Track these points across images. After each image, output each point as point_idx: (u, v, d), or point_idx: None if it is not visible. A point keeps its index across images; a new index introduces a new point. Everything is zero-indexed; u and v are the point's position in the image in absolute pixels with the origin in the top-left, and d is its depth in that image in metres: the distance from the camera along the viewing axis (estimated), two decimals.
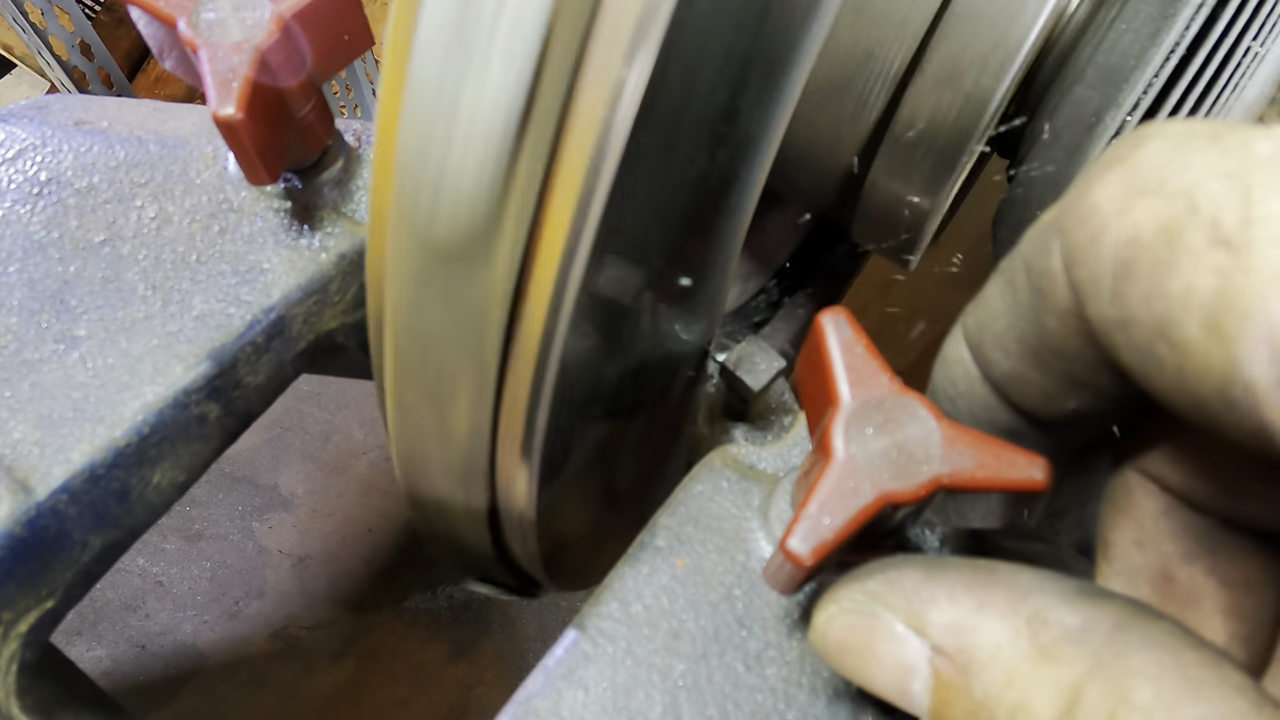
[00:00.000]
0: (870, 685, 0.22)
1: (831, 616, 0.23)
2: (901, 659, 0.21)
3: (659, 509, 0.29)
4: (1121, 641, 0.19)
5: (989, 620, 0.20)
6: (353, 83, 1.08)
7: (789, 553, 0.22)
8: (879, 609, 0.22)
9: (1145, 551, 0.24)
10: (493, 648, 0.80)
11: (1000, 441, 0.23)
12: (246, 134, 0.30)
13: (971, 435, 0.23)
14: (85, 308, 0.34)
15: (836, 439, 0.22)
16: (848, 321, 0.24)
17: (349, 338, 0.38)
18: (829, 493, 0.22)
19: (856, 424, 0.23)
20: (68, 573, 0.32)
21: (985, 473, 0.22)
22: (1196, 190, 0.17)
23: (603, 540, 0.44)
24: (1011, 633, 0.20)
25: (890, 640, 0.21)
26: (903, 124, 0.37)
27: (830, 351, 0.23)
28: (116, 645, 0.77)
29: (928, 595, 0.21)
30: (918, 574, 0.22)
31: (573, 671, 0.26)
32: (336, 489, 0.86)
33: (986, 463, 0.22)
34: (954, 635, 0.20)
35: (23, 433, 0.31)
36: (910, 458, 0.22)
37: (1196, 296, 0.17)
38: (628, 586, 0.28)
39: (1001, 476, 0.22)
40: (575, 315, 0.25)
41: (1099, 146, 0.36)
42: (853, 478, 0.22)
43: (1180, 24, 0.34)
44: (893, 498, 0.22)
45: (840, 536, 0.22)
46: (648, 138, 0.23)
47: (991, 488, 0.22)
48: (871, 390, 0.23)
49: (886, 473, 0.22)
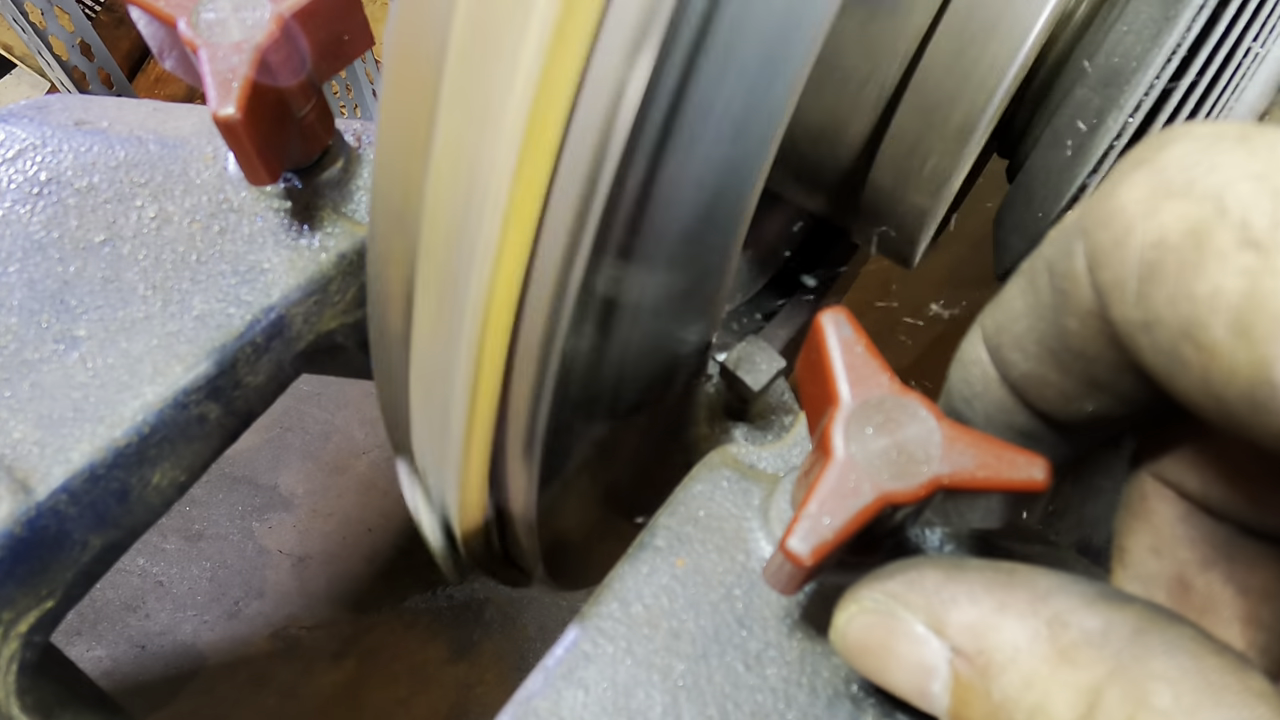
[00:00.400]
0: (890, 685, 0.22)
1: (851, 616, 0.23)
2: (921, 659, 0.21)
3: (659, 509, 0.29)
4: (1142, 645, 0.19)
5: (1009, 622, 0.20)
6: (353, 83, 1.08)
7: (789, 553, 0.22)
8: (899, 609, 0.22)
9: (1162, 558, 0.24)
10: (493, 648, 0.80)
11: (1001, 442, 0.23)
12: (246, 134, 0.30)
13: (972, 435, 0.22)
14: (85, 308, 0.34)
15: (836, 439, 0.22)
16: (848, 321, 0.24)
17: (349, 338, 0.38)
18: (829, 492, 0.22)
19: (856, 424, 0.23)
20: (68, 573, 0.32)
21: (985, 473, 0.22)
22: (1225, 192, 0.17)
23: (603, 540, 0.44)
24: (1031, 635, 0.20)
25: (910, 640, 0.21)
26: (903, 124, 0.37)
27: (830, 351, 0.23)
28: (116, 645, 0.77)
29: (948, 596, 0.21)
30: (938, 575, 0.22)
31: (573, 671, 0.26)
32: (336, 489, 0.86)
33: (987, 463, 0.22)
34: (974, 636, 0.20)
35: (23, 433, 0.31)
36: (910, 458, 0.22)
37: (1224, 298, 0.16)
38: (628, 586, 0.28)
39: (1002, 476, 0.22)
40: (575, 315, 0.25)
41: (1100, 147, 0.36)
42: (853, 478, 0.22)
43: (1181, 25, 0.34)
44: (893, 498, 0.22)
45: (840, 536, 0.22)
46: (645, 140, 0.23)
47: (992, 488, 0.22)
48: (871, 390, 0.23)
49: (886, 473, 0.22)
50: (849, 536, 0.22)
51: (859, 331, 0.23)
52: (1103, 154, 0.36)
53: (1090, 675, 0.18)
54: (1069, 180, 0.37)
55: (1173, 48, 0.34)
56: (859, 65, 0.36)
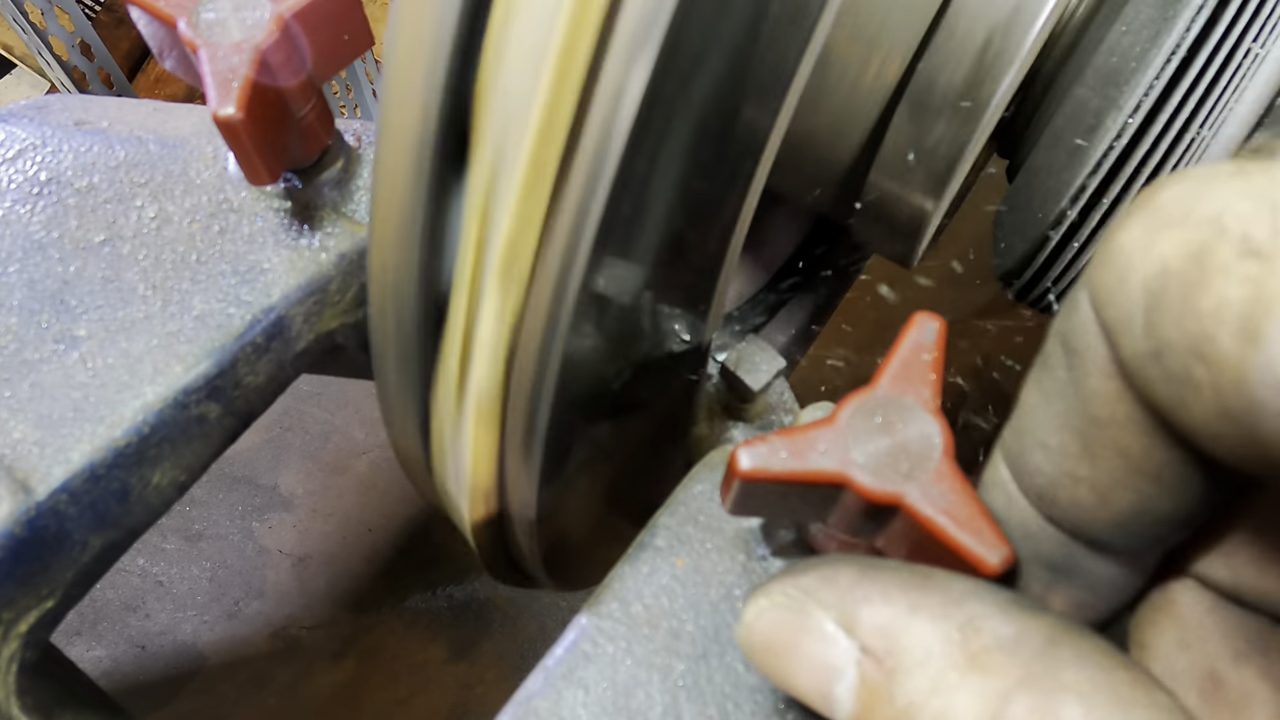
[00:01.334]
0: (791, 687, 0.22)
1: (761, 611, 0.22)
2: (827, 659, 0.21)
3: (659, 509, 0.29)
4: (1053, 655, 0.18)
5: (921, 624, 0.20)
6: (353, 83, 1.08)
7: (733, 455, 0.22)
8: (811, 605, 0.21)
9: (1190, 653, 0.22)
10: (493, 648, 0.80)
11: (987, 515, 0.22)
12: (246, 134, 0.30)
13: (965, 489, 0.22)
14: (85, 308, 0.34)
15: (846, 410, 0.23)
16: (938, 330, 0.24)
17: (349, 338, 0.38)
18: (804, 440, 0.22)
19: (872, 409, 0.23)
20: (68, 573, 0.32)
21: (946, 522, 0.22)
22: (1223, 213, 0.17)
23: (603, 540, 0.44)
24: (943, 638, 0.19)
25: (818, 639, 0.21)
26: (903, 124, 0.37)
27: (900, 345, 0.24)
28: (116, 645, 0.77)
29: (861, 594, 0.21)
30: (853, 572, 0.21)
31: (573, 671, 0.26)
32: (336, 489, 0.86)
33: (956, 515, 0.22)
34: (884, 637, 0.20)
35: (23, 433, 0.31)
36: (892, 465, 0.22)
37: (1230, 308, 0.16)
38: (628, 586, 0.28)
39: (958, 537, 0.22)
40: (575, 315, 0.25)
41: (1100, 148, 0.36)
42: (833, 444, 0.22)
43: (1180, 26, 0.34)
44: (852, 484, 0.22)
45: (783, 475, 0.22)
46: (648, 138, 0.23)
47: (943, 541, 0.22)
48: (908, 390, 0.23)
49: (864, 461, 0.22)
50: (790, 480, 0.22)
51: (938, 345, 0.24)
52: (1102, 154, 0.36)
53: (1000, 683, 0.18)
54: (1069, 180, 0.37)
55: (1172, 48, 0.34)
56: (859, 66, 0.36)
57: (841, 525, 0.24)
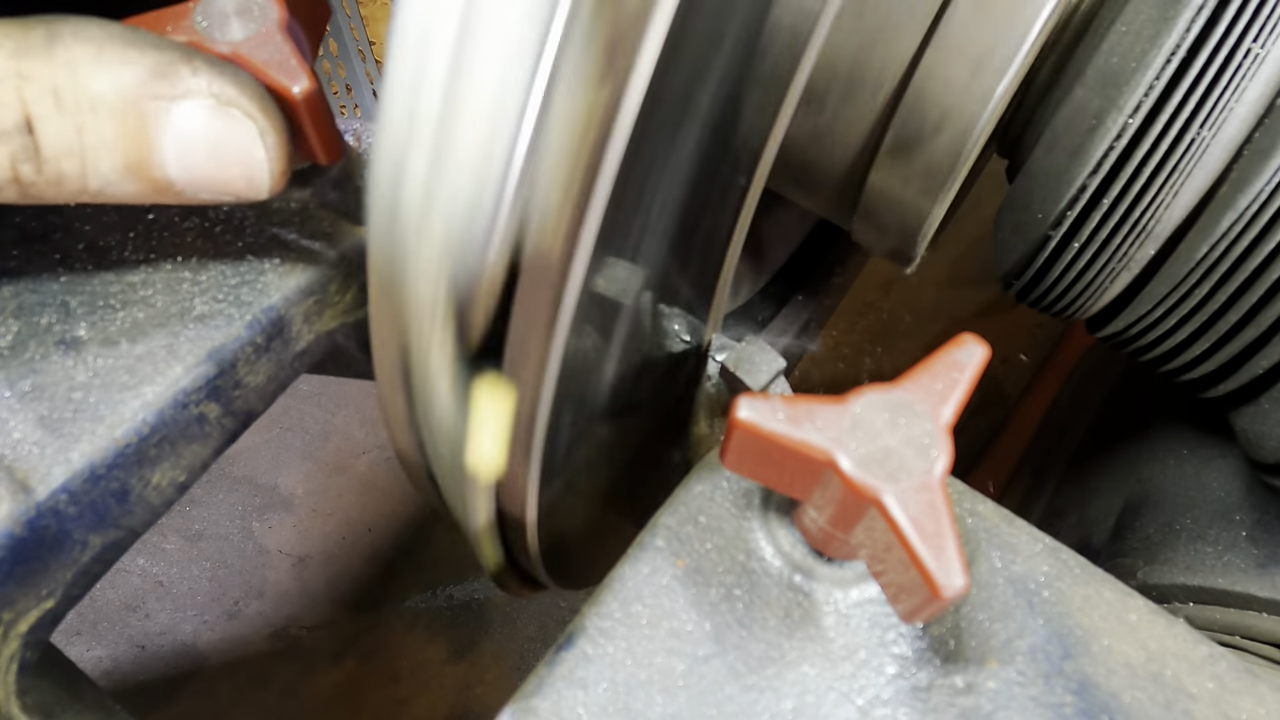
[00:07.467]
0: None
1: None
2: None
3: (659, 509, 0.29)
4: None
5: None
6: (353, 83, 1.08)
7: (734, 403, 0.23)
8: None
9: None
10: (493, 648, 0.80)
11: (958, 537, 0.22)
12: (324, 103, 0.30)
13: (944, 510, 0.22)
14: (85, 308, 0.34)
15: (858, 399, 0.23)
16: (980, 356, 0.24)
17: (349, 338, 0.38)
18: (805, 410, 0.23)
19: (885, 406, 0.23)
20: (68, 573, 0.32)
21: (911, 528, 0.22)
22: None
23: (603, 540, 0.44)
24: None
25: None
26: (903, 126, 0.37)
27: (937, 356, 0.24)
28: (116, 645, 0.77)
29: None
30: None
31: (573, 671, 0.26)
32: (336, 489, 0.86)
33: (924, 526, 0.22)
34: None
35: (23, 433, 0.31)
36: (881, 463, 0.22)
37: None
38: (628, 586, 0.28)
39: (918, 545, 0.22)
40: (575, 315, 0.25)
41: (1100, 148, 0.36)
42: (832, 424, 0.23)
43: (1180, 26, 0.34)
44: (834, 466, 0.22)
45: (772, 436, 0.22)
46: (649, 139, 0.23)
47: (903, 545, 0.22)
48: (928, 400, 0.23)
49: (856, 450, 0.22)
50: (778, 444, 0.23)
51: (975, 370, 0.24)
52: (1102, 155, 0.36)
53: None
54: (1069, 181, 0.37)
55: (1172, 48, 0.34)
56: (860, 67, 0.36)
57: (825, 513, 0.24)
